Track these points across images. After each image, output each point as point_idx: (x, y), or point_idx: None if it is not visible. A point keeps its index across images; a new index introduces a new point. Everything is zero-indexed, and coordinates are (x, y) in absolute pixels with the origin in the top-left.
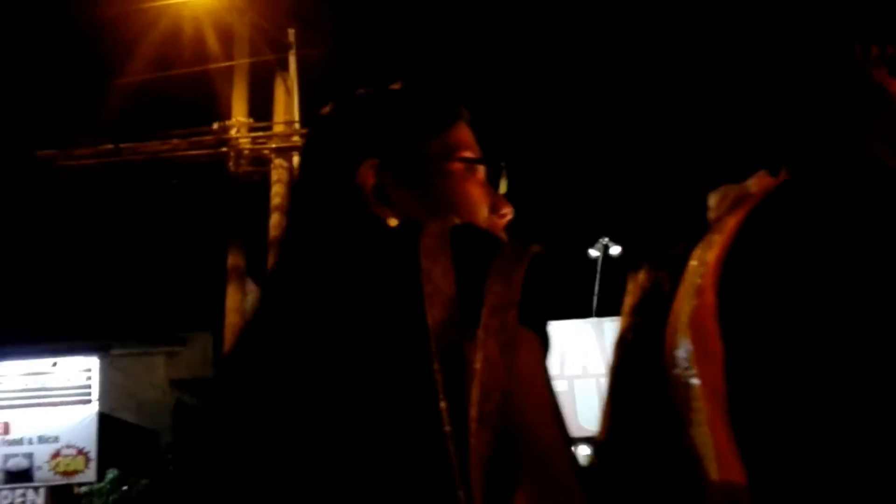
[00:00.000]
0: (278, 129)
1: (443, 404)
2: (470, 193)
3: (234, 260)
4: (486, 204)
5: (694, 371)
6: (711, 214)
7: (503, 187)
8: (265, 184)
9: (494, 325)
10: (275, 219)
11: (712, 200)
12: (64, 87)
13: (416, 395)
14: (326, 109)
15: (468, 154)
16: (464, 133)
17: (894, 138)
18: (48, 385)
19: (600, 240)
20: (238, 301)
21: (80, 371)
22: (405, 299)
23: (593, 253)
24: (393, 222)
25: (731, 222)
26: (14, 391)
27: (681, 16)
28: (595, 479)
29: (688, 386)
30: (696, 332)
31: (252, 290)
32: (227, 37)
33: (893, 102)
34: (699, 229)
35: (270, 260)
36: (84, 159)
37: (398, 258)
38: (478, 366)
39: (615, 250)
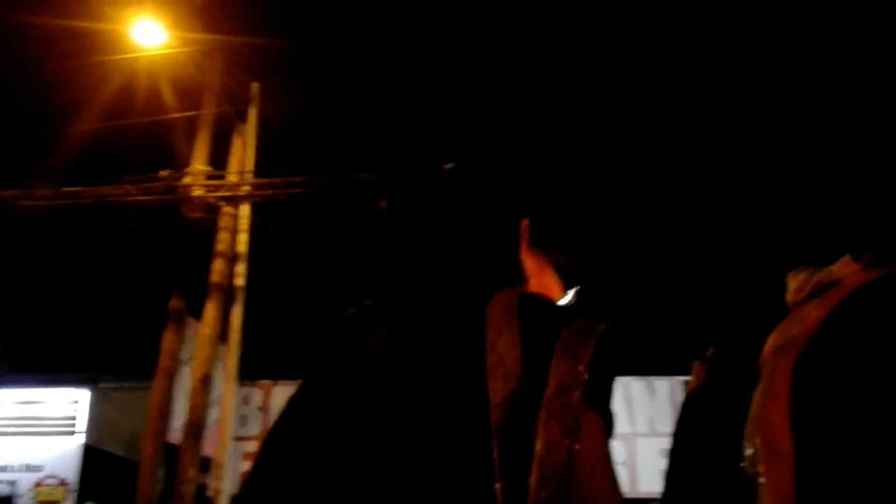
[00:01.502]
0: (230, 178)
1: (498, 485)
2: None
3: (174, 303)
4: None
5: (760, 469)
6: (790, 297)
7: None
8: (213, 230)
9: (557, 407)
10: (218, 264)
11: (793, 283)
12: (33, 130)
13: (472, 474)
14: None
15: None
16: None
17: None
18: (38, 414)
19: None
20: (173, 344)
21: (69, 402)
22: (468, 370)
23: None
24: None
25: (814, 314)
26: (5, 419)
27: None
28: None
29: (754, 484)
30: (764, 430)
31: (195, 332)
32: (193, 90)
33: None
34: (773, 312)
35: (209, 303)
36: (42, 200)
37: (464, 326)
38: (538, 448)
39: None
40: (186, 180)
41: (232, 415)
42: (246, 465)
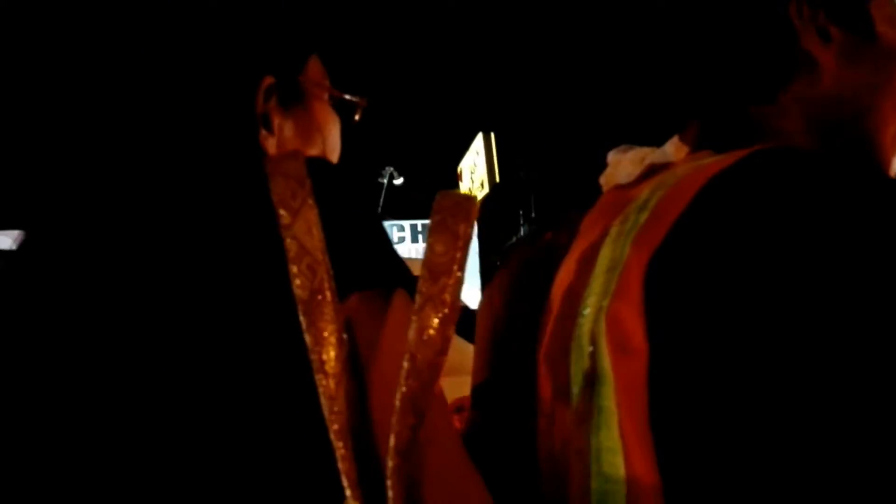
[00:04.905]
0: None
1: (327, 384)
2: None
3: None
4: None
5: (606, 366)
6: (615, 179)
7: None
8: None
9: (434, 292)
10: None
11: (617, 163)
12: None
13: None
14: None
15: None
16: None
17: (812, 109)
18: None
19: (387, 168)
20: None
21: None
22: (265, 262)
23: (381, 181)
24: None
25: (661, 206)
26: None
27: None
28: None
29: (591, 387)
30: (614, 329)
31: None
32: None
33: (818, 71)
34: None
35: None
36: None
37: (248, 207)
38: (411, 336)
39: (399, 181)
40: None
41: None
42: None
